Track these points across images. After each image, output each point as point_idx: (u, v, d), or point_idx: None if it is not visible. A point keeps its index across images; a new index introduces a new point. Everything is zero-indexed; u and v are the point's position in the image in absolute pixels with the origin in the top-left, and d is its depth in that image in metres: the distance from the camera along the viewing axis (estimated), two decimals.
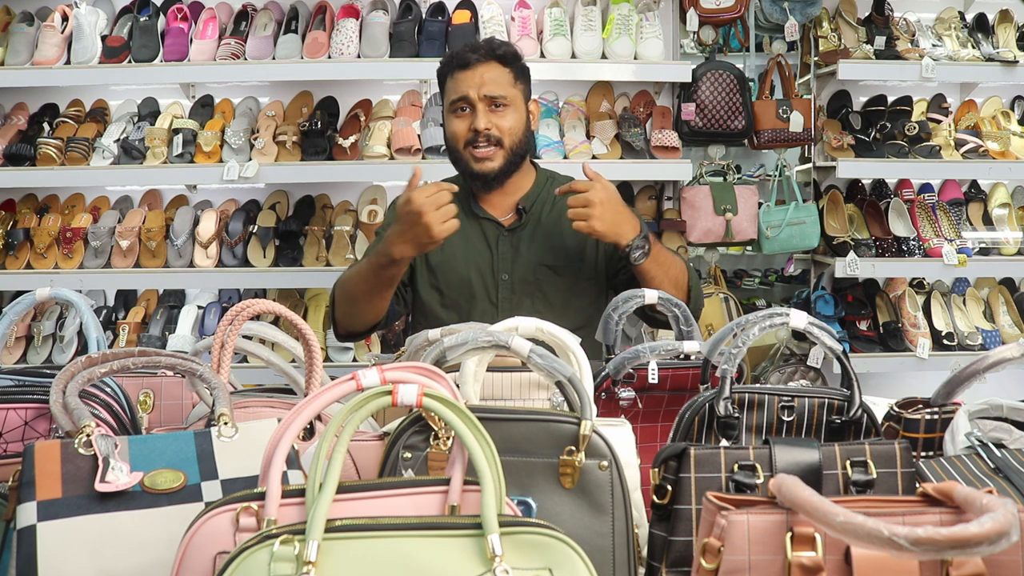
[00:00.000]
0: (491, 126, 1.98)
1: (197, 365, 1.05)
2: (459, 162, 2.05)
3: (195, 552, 0.79)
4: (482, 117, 1.98)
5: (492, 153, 2.00)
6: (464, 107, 2.00)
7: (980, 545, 0.63)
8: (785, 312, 1.18)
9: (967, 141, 3.27)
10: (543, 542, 0.78)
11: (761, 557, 0.76)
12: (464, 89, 1.99)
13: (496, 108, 2.00)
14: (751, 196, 3.22)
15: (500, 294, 2.06)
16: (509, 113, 2.01)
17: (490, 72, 2.00)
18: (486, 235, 2.10)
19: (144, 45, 3.09)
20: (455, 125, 2.02)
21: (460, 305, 2.06)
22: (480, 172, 2.01)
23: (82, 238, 3.09)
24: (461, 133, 2.01)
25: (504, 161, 2.02)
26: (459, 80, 2.01)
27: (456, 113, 2.02)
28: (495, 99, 1.99)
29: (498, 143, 2.00)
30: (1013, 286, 3.46)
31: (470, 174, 2.03)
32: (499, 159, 2.01)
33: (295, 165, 3.05)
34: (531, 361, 1.01)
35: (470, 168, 2.02)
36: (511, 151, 2.02)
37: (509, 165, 2.03)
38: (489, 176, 2.02)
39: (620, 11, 3.12)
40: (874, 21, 3.32)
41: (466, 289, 2.06)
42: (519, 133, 2.03)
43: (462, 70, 2.01)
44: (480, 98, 1.98)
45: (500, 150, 2.01)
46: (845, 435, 1.16)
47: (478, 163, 2.00)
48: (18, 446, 1.04)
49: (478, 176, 2.02)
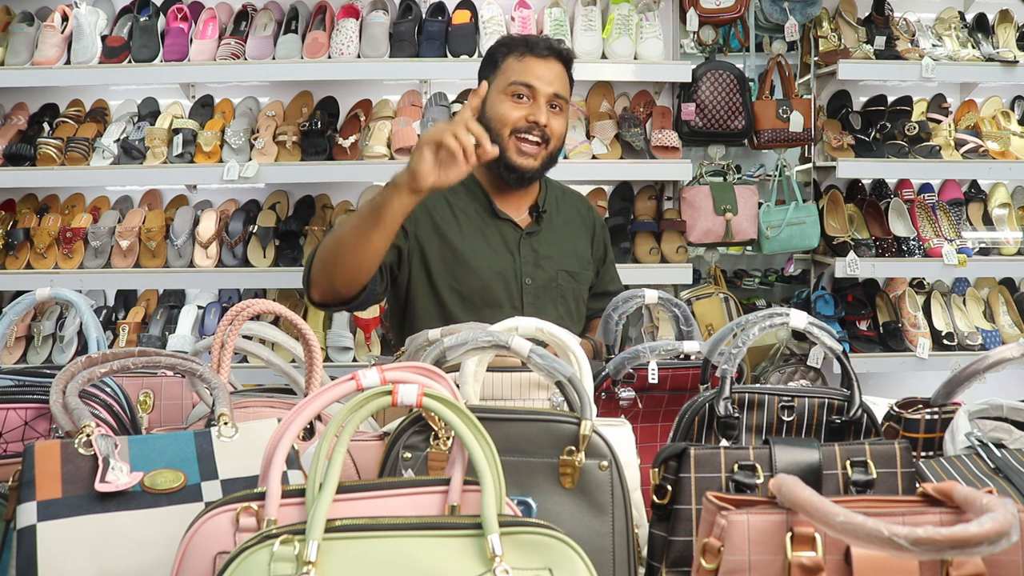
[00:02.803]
0: (548, 124, 1.93)
1: (197, 365, 1.05)
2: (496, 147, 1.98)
3: (195, 552, 0.79)
4: (543, 111, 1.92)
5: (537, 152, 1.94)
6: (525, 95, 1.92)
7: (980, 545, 0.63)
8: (785, 312, 1.18)
9: (967, 141, 3.27)
10: (543, 542, 0.78)
11: (761, 557, 0.76)
12: (533, 78, 1.92)
13: (553, 109, 1.95)
14: (751, 196, 3.22)
15: (524, 299, 1.99)
16: (562, 118, 1.98)
17: (556, 70, 1.96)
18: (506, 238, 2.02)
19: (144, 45, 3.09)
20: (509, 109, 1.92)
21: (482, 310, 1.96)
22: (520, 166, 1.94)
23: (82, 238, 3.09)
24: (514, 119, 1.92)
25: (542, 163, 1.97)
26: (529, 66, 1.93)
27: (514, 98, 1.93)
28: (557, 99, 1.95)
29: (545, 143, 1.95)
30: (1013, 286, 3.46)
31: (507, 165, 1.94)
32: (540, 159, 1.96)
33: (295, 165, 3.05)
34: (531, 361, 1.01)
35: (510, 159, 1.93)
36: (550, 155, 1.98)
37: (543, 168, 1.99)
38: (527, 174, 1.96)
39: (620, 11, 3.12)
40: (874, 21, 3.32)
41: (489, 294, 1.97)
42: (562, 139, 2.00)
43: (534, 57, 1.94)
44: (546, 94, 1.92)
45: (543, 151, 1.96)
46: (845, 435, 1.16)
47: (522, 157, 1.93)
48: (18, 446, 1.04)
49: (516, 169, 1.94)
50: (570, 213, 2.15)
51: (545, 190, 2.13)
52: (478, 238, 2.00)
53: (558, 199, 2.16)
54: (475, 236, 2.00)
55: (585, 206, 2.22)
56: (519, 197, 2.07)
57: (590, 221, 2.20)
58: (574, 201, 2.20)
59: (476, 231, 2.01)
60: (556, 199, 2.15)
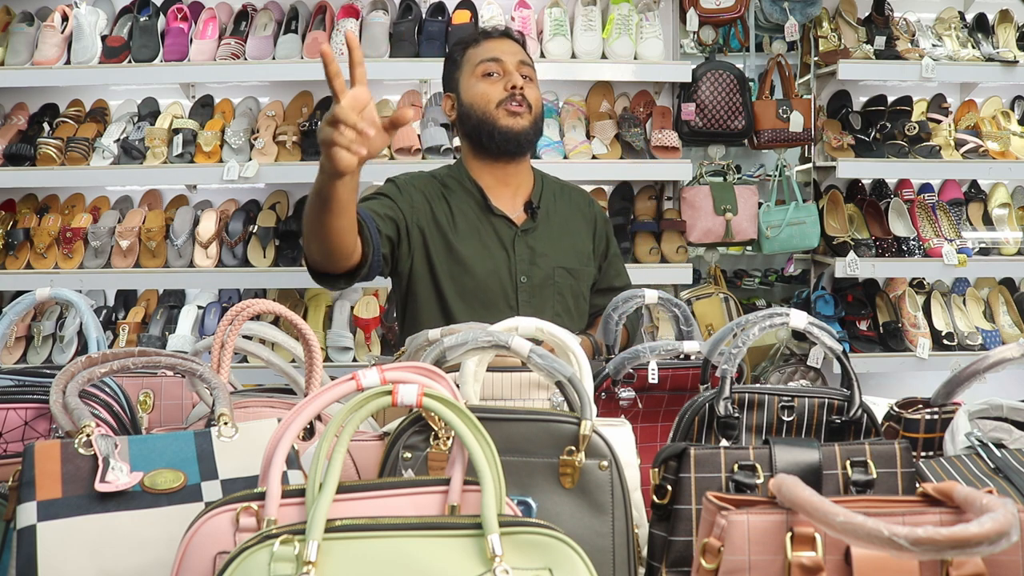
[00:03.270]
0: (524, 89, 1.98)
1: (197, 365, 1.05)
2: (486, 124, 1.99)
3: (195, 552, 0.79)
4: (517, 77, 1.98)
5: (523, 111, 1.99)
6: (495, 71, 1.99)
7: (980, 545, 0.63)
8: (785, 312, 1.18)
9: (967, 141, 3.27)
10: (543, 542, 0.78)
11: (761, 557, 0.76)
12: (498, 52, 2.00)
13: (525, 79, 2.01)
14: (751, 196, 3.22)
15: (520, 297, 2.00)
16: (534, 87, 2.04)
17: (516, 47, 2.05)
18: (500, 236, 2.03)
19: (144, 45, 3.09)
20: (485, 87, 1.99)
21: (479, 307, 1.97)
22: (513, 127, 1.97)
23: (82, 238, 3.09)
24: (494, 94, 1.98)
25: (532, 124, 2.01)
26: (489, 45, 2.01)
27: (485, 77, 2.00)
28: (525, 65, 2.02)
29: (529, 108, 2.00)
30: (1013, 286, 3.46)
31: (500, 133, 1.98)
32: (528, 120, 2.00)
33: (295, 165, 3.05)
34: (531, 361, 1.01)
35: (501, 126, 1.97)
36: (535, 120, 2.02)
37: (532, 134, 2.03)
38: (521, 136, 1.99)
39: (620, 11, 3.12)
40: (874, 21, 3.32)
41: (485, 291, 1.99)
42: (540, 109, 2.05)
43: (491, 39, 2.03)
44: (513, 62, 2.00)
45: (529, 114, 2.00)
46: (845, 435, 1.16)
47: (512, 117, 1.97)
48: (18, 446, 1.04)
49: (509, 132, 1.98)
50: (569, 209, 2.14)
51: (541, 185, 2.13)
52: (473, 236, 2.02)
53: (556, 195, 2.15)
54: (471, 234, 2.02)
55: (585, 201, 2.21)
56: (514, 193, 2.08)
57: (591, 216, 2.18)
58: (574, 196, 2.19)
59: (472, 229, 2.03)
60: (554, 195, 2.14)
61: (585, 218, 2.17)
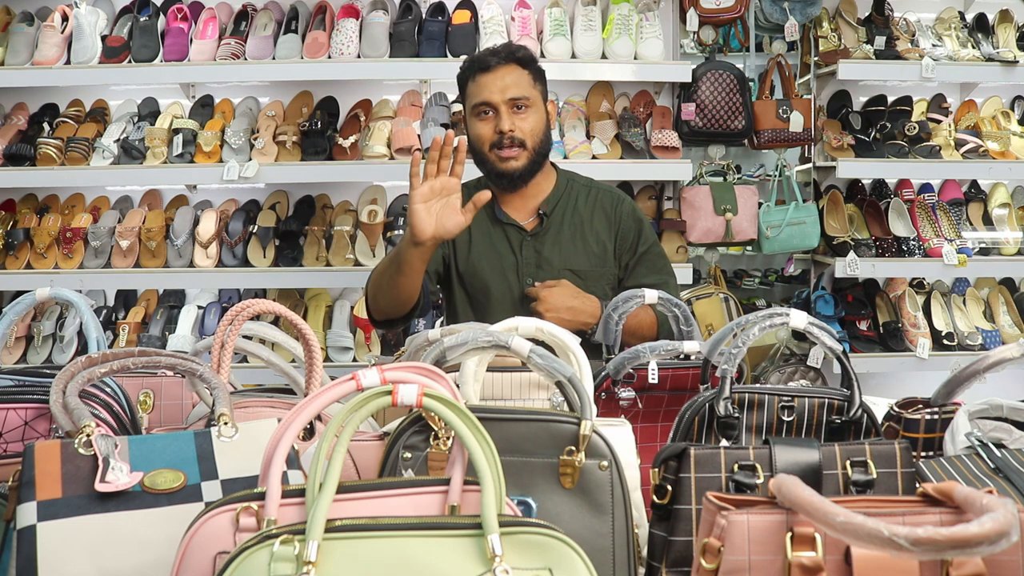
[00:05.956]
0: (514, 128, 2.03)
1: (197, 365, 1.05)
2: (484, 164, 2.09)
3: (195, 552, 0.79)
4: (506, 119, 2.03)
5: (517, 154, 2.04)
6: (487, 111, 2.05)
7: (980, 545, 0.63)
8: (785, 312, 1.18)
9: (967, 141, 3.27)
10: (543, 542, 0.78)
11: (761, 557, 0.76)
12: (487, 94, 2.04)
13: (518, 110, 2.05)
14: (751, 196, 3.22)
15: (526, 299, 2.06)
16: (531, 115, 2.06)
17: (511, 75, 2.05)
18: (510, 240, 2.12)
19: (144, 45, 3.09)
20: (480, 128, 2.06)
21: (486, 311, 2.08)
22: (506, 171, 2.05)
23: (82, 238, 3.09)
24: (487, 136, 2.05)
25: (528, 161, 2.06)
26: (481, 84, 2.05)
27: (480, 117, 2.06)
28: (517, 101, 2.04)
29: (521, 144, 2.05)
30: (1013, 286, 3.46)
31: (496, 174, 2.07)
32: (523, 159, 2.05)
33: (295, 165, 3.05)
34: (531, 361, 1.01)
35: (496, 168, 2.06)
36: (534, 151, 2.07)
37: (532, 165, 2.07)
38: (515, 175, 2.06)
39: (620, 11, 3.12)
40: (874, 21, 3.32)
41: (490, 295, 2.09)
42: (540, 134, 2.09)
43: (483, 73, 2.05)
44: (503, 101, 2.03)
45: (524, 151, 2.05)
46: (845, 435, 1.16)
47: (504, 163, 2.05)
48: (18, 446, 1.04)
49: (504, 175, 2.06)
50: (590, 210, 2.16)
51: (564, 188, 2.17)
52: (485, 243, 2.12)
53: (580, 197, 2.17)
54: (482, 240, 2.13)
55: (612, 201, 2.20)
56: (522, 200, 2.14)
57: (615, 216, 2.18)
58: (600, 197, 2.20)
59: (484, 235, 2.13)
60: (577, 196, 2.17)
61: (608, 218, 2.17)
